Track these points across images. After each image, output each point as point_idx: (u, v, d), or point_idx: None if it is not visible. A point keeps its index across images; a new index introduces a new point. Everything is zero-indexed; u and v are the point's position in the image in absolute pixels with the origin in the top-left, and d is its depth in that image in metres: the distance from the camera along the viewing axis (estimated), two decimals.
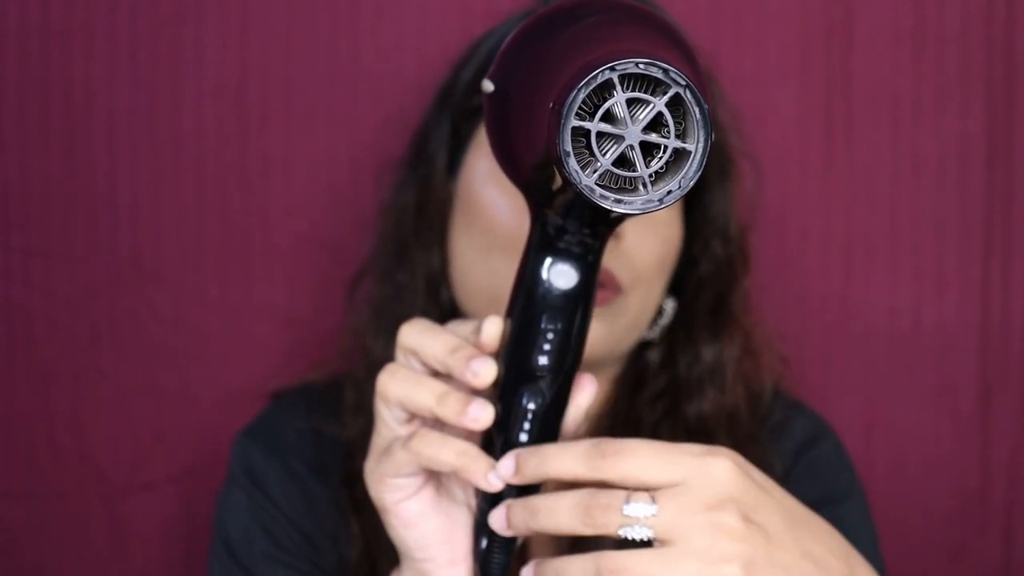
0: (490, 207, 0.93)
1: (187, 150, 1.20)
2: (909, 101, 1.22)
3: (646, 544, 0.66)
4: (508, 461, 0.70)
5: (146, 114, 1.20)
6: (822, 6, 1.21)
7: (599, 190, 0.59)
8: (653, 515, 0.65)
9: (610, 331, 0.93)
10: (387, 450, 0.74)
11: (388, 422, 0.75)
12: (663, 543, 0.65)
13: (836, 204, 1.22)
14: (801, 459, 1.02)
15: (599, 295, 0.91)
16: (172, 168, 1.20)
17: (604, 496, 0.65)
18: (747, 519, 0.65)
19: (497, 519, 0.71)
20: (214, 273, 1.21)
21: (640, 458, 0.66)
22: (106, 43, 1.19)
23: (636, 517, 0.65)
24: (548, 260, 0.69)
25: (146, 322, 1.21)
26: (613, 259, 0.91)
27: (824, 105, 1.22)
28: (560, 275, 0.69)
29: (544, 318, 0.69)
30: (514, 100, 0.63)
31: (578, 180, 0.58)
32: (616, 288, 0.92)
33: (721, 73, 1.20)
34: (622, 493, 0.65)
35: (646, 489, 0.65)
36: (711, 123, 0.58)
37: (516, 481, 0.70)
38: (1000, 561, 1.24)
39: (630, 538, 0.65)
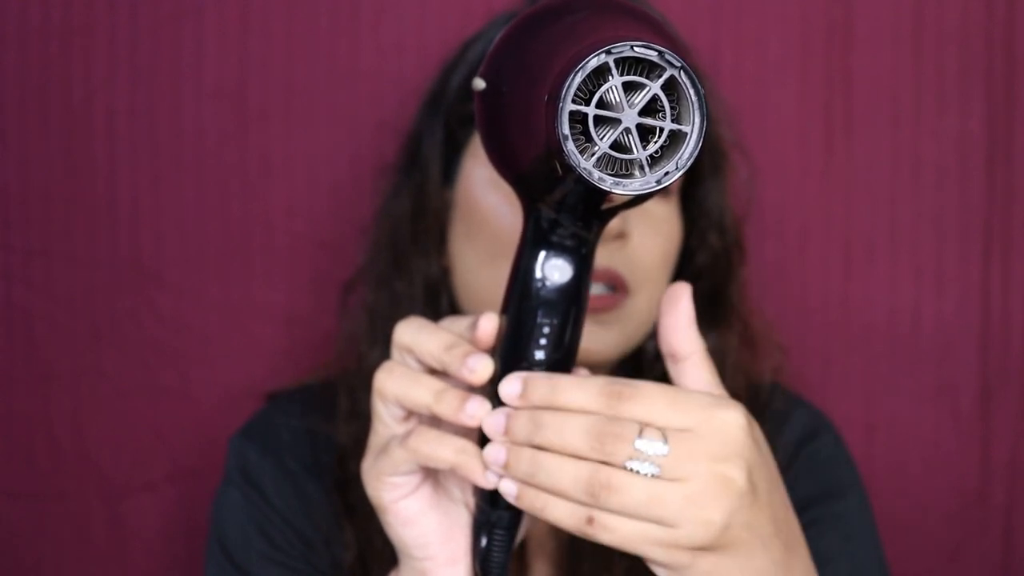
0: (493, 214, 0.93)
1: (187, 150, 1.20)
2: (909, 101, 1.22)
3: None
4: (513, 382, 0.68)
5: (146, 114, 1.20)
6: (822, 6, 1.21)
7: (597, 173, 0.59)
8: (663, 455, 0.65)
9: (622, 334, 0.94)
10: (384, 448, 0.74)
11: (385, 420, 0.75)
12: (664, 482, 0.65)
13: (836, 204, 1.22)
14: (801, 452, 1.02)
15: (609, 299, 0.91)
16: (172, 168, 1.20)
17: (618, 426, 0.65)
18: (748, 476, 0.66)
19: (494, 424, 0.69)
20: (214, 273, 1.21)
21: (655, 403, 0.65)
22: (106, 43, 1.19)
23: (646, 453, 0.65)
24: (542, 255, 0.69)
25: (146, 322, 1.21)
26: (621, 261, 0.92)
27: (824, 105, 1.22)
28: (554, 269, 0.69)
29: (540, 313, 0.69)
30: (507, 94, 0.63)
31: (577, 163, 0.59)
32: (625, 290, 0.92)
33: (721, 73, 1.20)
34: (635, 426, 0.65)
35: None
36: (706, 105, 0.59)
37: (519, 403, 0.68)
38: (1000, 561, 1.24)
39: (635, 471, 0.65)
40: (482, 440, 0.73)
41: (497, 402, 0.71)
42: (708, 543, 0.66)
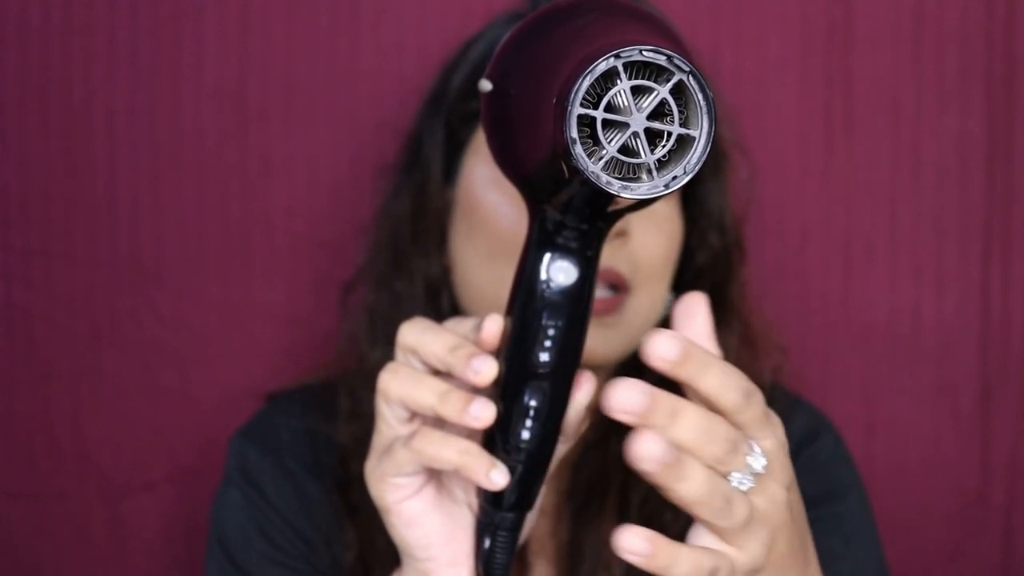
0: (494, 212, 0.93)
1: (187, 150, 1.20)
2: (909, 101, 1.22)
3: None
4: (670, 343, 0.62)
5: (146, 114, 1.20)
6: (822, 6, 1.21)
7: (605, 176, 0.59)
8: (760, 472, 0.63)
9: (626, 335, 0.94)
10: (388, 449, 0.74)
11: (389, 421, 0.74)
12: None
13: (836, 204, 1.22)
14: (801, 454, 1.02)
15: (611, 301, 0.91)
16: (172, 168, 1.20)
17: (742, 439, 0.63)
18: (790, 494, 0.66)
19: (634, 401, 0.62)
20: (214, 273, 1.21)
21: (761, 412, 0.64)
22: (106, 43, 1.19)
23: (752, 468, 0.63)
24: (547, 256, 0.69)
25: (146, 322, 1.21)
26: (622, 259, 0.92)
27: (824, 105, 1.22)
28: (560, 271, 0.69)
29: (545, 315, 0.69)
30: (514, 96, 0.63)
31: (585, 167, 0.59)
32: (626, 288, 0.92)
33: (721, 73, 1.20)
34: (746, 440, 0.63)
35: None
36: (715, 109, 0.59)
37: (669, 367, 0.62)
38: (1000, 561, 1.24)
39: (734, 484, 0.63)
40: (485, 441, 0.73)
41: (499, 401, 0.71)
42: (761, 566, 0.65)
